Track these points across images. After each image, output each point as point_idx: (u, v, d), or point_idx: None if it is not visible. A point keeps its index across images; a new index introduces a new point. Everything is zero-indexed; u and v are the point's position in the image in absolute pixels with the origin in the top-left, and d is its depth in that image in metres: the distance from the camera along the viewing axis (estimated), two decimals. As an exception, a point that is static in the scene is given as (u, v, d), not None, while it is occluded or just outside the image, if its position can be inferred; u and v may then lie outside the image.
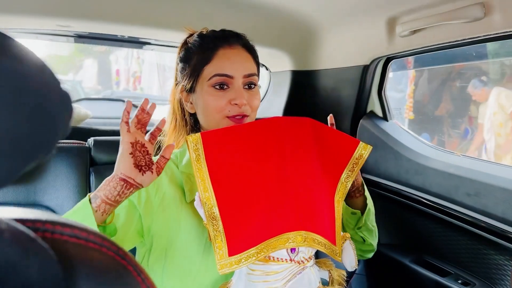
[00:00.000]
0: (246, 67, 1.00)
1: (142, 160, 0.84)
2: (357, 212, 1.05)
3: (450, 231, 1.32)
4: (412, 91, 4.99)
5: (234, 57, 0.99)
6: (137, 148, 0.84)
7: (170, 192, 0.95)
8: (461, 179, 1.26)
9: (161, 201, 0.94)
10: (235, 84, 0.98)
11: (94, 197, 0.81)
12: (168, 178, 0.97)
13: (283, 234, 0.83)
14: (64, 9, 1.29)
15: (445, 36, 1.19)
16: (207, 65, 0.99)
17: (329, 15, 1.51)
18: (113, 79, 14.48)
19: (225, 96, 0.97)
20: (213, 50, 0.99)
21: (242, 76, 0.98)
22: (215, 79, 0.97)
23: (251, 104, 0.99)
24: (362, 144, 0.95)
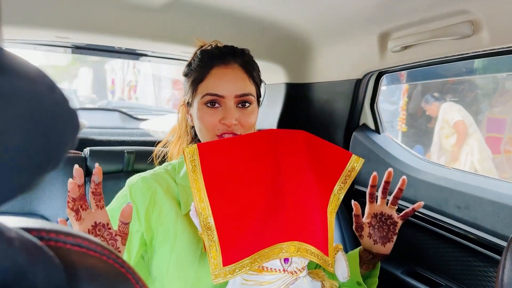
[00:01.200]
0: (240, 86, 0.99)
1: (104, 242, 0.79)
2: (362, 285, 1.04)
3: (441, 243, 1.33)
4: (405, 103, 5.02)
5: (227, 76, 0.99)
6: (93, 233, 0.76)
7: (166, 205, 0.96)
8: (451, 192, 1.27)
9: (158, 216, 0.95)
10: (227, 103, 0.98)
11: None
12: (163, 191, 0.98)
13: (276, 244, 0.84)
14: (63, 21, 1.30)
15: (435, 52, 1.21)
16: (201, 83, 1.00)
17: (323, 30, 1.52)
18: (108, 88, 14.46)
19: (216, 114, 0.98)
20: (208, 68, 1.00)
21: (233, 96, 0.98)
22: (206, 98, 0.98)
23: (244, 123, 0.99)
24: (355, 157, 0.97)
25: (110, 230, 0.78)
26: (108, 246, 0.37)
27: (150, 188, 0.97)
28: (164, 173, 1.02)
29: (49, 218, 1.26)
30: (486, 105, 4.81)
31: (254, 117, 1.03)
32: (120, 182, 1.32)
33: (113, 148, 1.42)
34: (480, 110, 4.80)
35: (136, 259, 0.94)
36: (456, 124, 4.17)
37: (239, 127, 0.98)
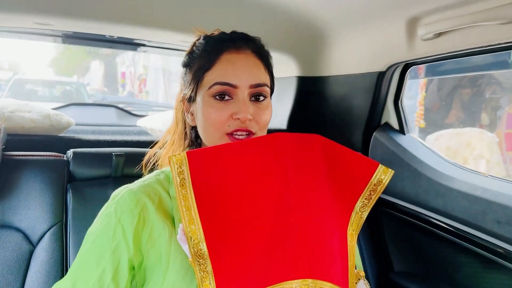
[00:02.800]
0: (255, 75, 0.87)
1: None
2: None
3: (476, 262, 1.20)
4: (423, 98, 4.90)
5: (239, 62, 0.87)
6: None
7: (158, 223, 0.82)
8: (489, 204, 1.15)
9: (149, 237, 0.81)
10: (239, 95, 0.85)
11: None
12: (155, 207, 0.83)
13: (284, 282, 0.70)
14: (41, 5, 1.17)
15: (476, 40, 1.07)
16: (208, 72, 0.87)
17: (341, 16, 1.40)
18: (119, 81, 14.60)
19: (226, 109, 0.84)
20: (217, 54, 0.87)
21: (248, 86, 0.85)
22: (215, 88, 0.85)
23: (259, 120, 0.86)
24: (382, 168, 0.82)
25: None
26: None
27: (138, 203, 0.82)
28: (155, 183, 0.88)
29: (25, 230, 1.13)
30: (506, 100, 4.69)
31: (270, 113, 0.91)
32: (107, 189, 1.19)
33: (100, 150, 1.29)
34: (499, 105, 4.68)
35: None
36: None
37: (254, 124, 0.86)
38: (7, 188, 1.14)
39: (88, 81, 14.52)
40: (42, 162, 1.20)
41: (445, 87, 5.02)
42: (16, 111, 1.32)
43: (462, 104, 4.91)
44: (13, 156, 1.20)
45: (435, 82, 5.06)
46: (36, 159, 1.19)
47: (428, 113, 5.06)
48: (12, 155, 1.20)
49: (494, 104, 4.65)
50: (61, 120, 1.38)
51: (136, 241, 0.80)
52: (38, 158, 1.20)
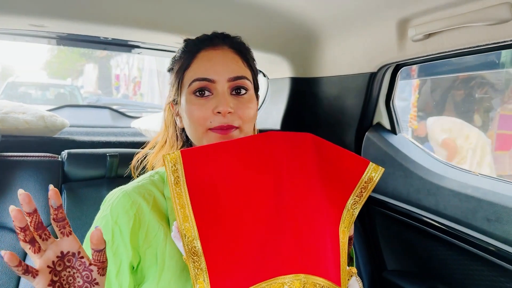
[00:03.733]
0: (232, 69, 0.87)
1: (79, 279, 0.62)
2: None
3: (467, 259, 1.21)
4: (416, 99, 4.90)
5: (216, 58, 0.87)
6: (69, 274, 0.61)
7: (153, 223, 0.82)
8: (479, 202, 1.15)
9: (145, 237, 0.81)
10: (219, 89, 0.85)
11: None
12: (150, 207, 0.83)
13: (277, 277, 0.71)
14: (36, 7, 1.16)
15: (465, 41, 1.07)
16: (187, 70, 0.88)
17: (333, 18, 1.40)
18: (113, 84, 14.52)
19: (207, 104, 0.85)
20: (194, 53, 0.88)
21: (226, 79, 0.86)
22: (194, 84, 0.86)
23: (241, 114, 0.86)
24: (373, 166, 0.83)
25: (83, 260, 0.62)
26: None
27: (134, 205, 0.82)
28: (149, 184, 0.87)
29: (19, 231, 1.11)
30: (498, 101, 4.70)
31: (253, 108, 0.90)
32: (102, 189, 1.19)
33: (94, 151, 1.29)
34: (491, 106, 4.68)
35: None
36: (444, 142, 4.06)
37: (236, 118, 0.85)
38: (2, 188, 1.14)
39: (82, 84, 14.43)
40: (36, 162, 1.19)
41: (438, 89, 5.01)
42: (10, 113, 1.32)
43: (455, 106, 4.90)
44: (8, 157, 1.19)
45: (428, 84, 5.06)
46: (30, 159, 1.19)
47: (421, 115, 5.06)
48: (6, 156, 1.20)
49: (486, 105, 4.65)
50: (55, 122, 1.38)
51: (133, 243, 0.80)
52: (32, 159, 1.19)
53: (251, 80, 0.91)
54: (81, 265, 0.62)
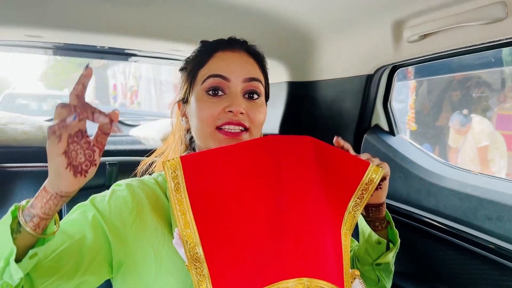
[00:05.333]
0: (248, 70, 0.87)
1: (80, 154, 0.62)
2: (382, 242, 0.91)
3: (469, 259, 1.20)
4: (414, 101, 4.91)
5: (233, 58, 0.87)
6: (74, 148, 0.62)
7: (152, 222, 0.81)
8: (480, 201, 1.15)
9: (139, 233, 0.79)
10: (232, 89, 0.85)
11: (29, 215, 0.63)
12: (151, 206, 0.83)
13: (280, 282, 0.70)
14: (32, 17, 1.17)
15: (460, 41, 1.08)
16: (201, 68, 0.87)
17: (328, 21, 1.40)
18: (110, 93, 14.53)
19: (219, 103, 0.84)
20: (210, 53, 0.88)
21: (241, 79, 0.85)
22: (209, 81, 0.85)
23: (252, 116, 0.86)
24: (373, 167, 0.82)
25: (88, 139, 0.64)
26: None
27: (135, 199, 0.82)
28: (154, 184, 0.88)
29: (20, 242, 1.11)
30: (495, 101, 4.70)
31: (264, 113, 0.90)
32: None
33: None
34: (488, 106, 4.69)
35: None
36: (481, 149, 4.05)
37: (247, 119, 0.85)
38: (2, 200, 1.13)
39: (79, 94, 14.40)
40: (36, 173, 1.19)
41: (435, 90, 5.02)
42: (8, 124, 1.32)
43: (452, 106, 4.92)
44: (7, 168, 1.19)
45: (425, 85, 5.07)
46: (30, 170, 1.19)
47: (419, 116, 5.07)
48: (5, 167, 1.19)
49: (484, 105, 4.66)
50: (54, 131, 1.37)
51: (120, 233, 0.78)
52: (32, 169, 1.19)
53: (264, 86, 0.92)
54: (85, 143, 0.63)
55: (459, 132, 4.35)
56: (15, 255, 0.61)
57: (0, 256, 0.62)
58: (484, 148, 4.08)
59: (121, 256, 0.79)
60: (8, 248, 0.61)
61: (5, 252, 0.61)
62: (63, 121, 0.58)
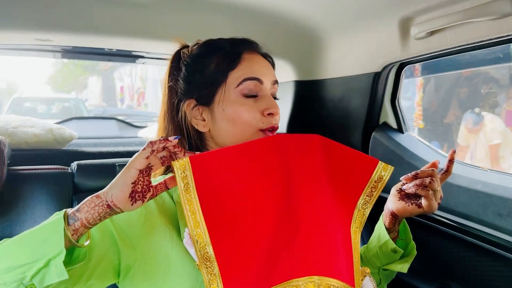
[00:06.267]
0: (272, 73, 0.91)
1: (139, 184, 0.70)
2: (399, 251, 0.92)
3: (479, 255, 1.19)
4: (421, 98, 4.87)
5: (261, 61, 0.89)
6: (143, 173, 0.70)
7: (160, 225, 0.81)
8: (490, 197, 1.14)
9: (147, 236, 0.80)
10: (265, 92, 0.87)
11: (73, 218, 0.67)
12: (158, 209, 0.83)
13: (291, 280, 0.70)
14: (41, 21, 1.18)
15: (468, 37, 1.07)
16: (233, 70, 0.86)
17: (335, 20, 1.40)
18: (117, 96, 14.61)
19: (256, 106, 0.85)
20: (239, 54, 0.87)
21: (271, 82, 0.88)
22: (245, 84, 0.85)
23: (278, 117, 0.89)
24: (382, 164, 0.82)
25: (150, 180, 0.73)
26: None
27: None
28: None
29: (32, 243, 1.12)
30: (503, 97, 4.66)
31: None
32: None
33: (103, 161, 1.29)
34: (497, 102, 4.64)
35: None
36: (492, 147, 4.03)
37: (277, 120, 0.88)
38: (14, 202, 1.15)
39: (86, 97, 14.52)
40: (47, 175, 1.20)
41: (442, 87, 4.98)
42: (19, 127, 1.33)
43: (460, 103, 4.88)
44: (18, 171, 1.20)
45: (432, 83, 5.03)
46: (41, 172, 1.20)
47: (427, 114, 5.03)
48: (17, 169, 1.21)
49: (492, 101, 4.62)
50: (64, 134, 1.39)
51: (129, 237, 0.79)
52: (43, 172, 1.20)
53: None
54: (147, 181, 0.72)
55: (471, 131, 4.32)
56: (63, 256, 0.63)
57: (40, 257, 0.64)
58: (495, 146, 4.05)
59: (129, 260, 0.79)
60: (55, 250, 0.63)
61: (48, 253, 0.63)
62: (166, 139, 0.71)
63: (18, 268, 0.63)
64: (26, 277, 0.63)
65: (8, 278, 0.63)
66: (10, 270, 0.63)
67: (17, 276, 0.63)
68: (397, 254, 0.92)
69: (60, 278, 0.63)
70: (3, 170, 1.11)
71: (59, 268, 0.63)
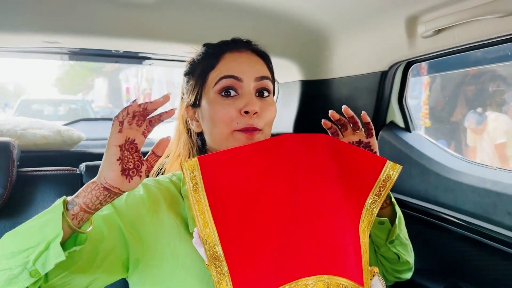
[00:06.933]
0: (257, 69, 0.88)
1: (130, 161, 0.70)
2: (385, 221, 0.91)
3: (489, 255, 1.18)
4: (427, 97, 4.85)
5: (242, 59, 0.88)
6: (126, 148, 0.70)
7: (168, 219, 0.82)
8: (499, 196, 1.14)
9: (156, 230, 0.81)
10: (245, 89, 0.85)
11: (72, 203, 0.69)
12: (167, 203, 0.84)
13: (300, 279, 0.70)
14: (49, 24, 1.19)
15: (475, 35, 1.06)
16: (212, 71, 0.87)
17: (341, 19, 1.40)
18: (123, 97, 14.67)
19: (233, 104, 0.84)
20: (219, 55, 0.88)
21: (253, 78, 0.86)
22: (221, 82, 0.85)
23: (264, 116, 0.86)
24: (390, 164, 0.82)
25: (140, 155, 0.73)
26: None
27: (150, 197, 0.83)
28: (168, 183, 0.89)
29: (42, 244, 1.13)
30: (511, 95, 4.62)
31: (274, 111, 0.90)
32: None
33: None
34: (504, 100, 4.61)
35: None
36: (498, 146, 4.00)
37: (260, 120, 0.85)
38: (23, 203, 1.16)
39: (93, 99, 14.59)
40: (56, 176, 1.21)
41: (449, 85, 4.95)
42: (28, 129, 1.35)
43: (467, 102, 4.85)
44: (28, 172, 1.21)
45: (439, 81, 5.00)
46: (50, 173, 1.21)
47: (433, 112, 5.00)
48: (26, 171, 1.22)
49: (500, 99, 4.59)
50: (72, 136, 1.40)
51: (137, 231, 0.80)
52: (52, 173, 1.21)
53: (272, 83, 0.93)
54: (137, 156, 0.72)
55: (475, 131, 4.30)
56: (60, 238, 0.65)
57: (41, 240, 0.65)
58: (501, 145, 4.02)
59: (138, 254, 0.80)
60: (54, 232, 0.65)
61: (47, 236, 0.65)
62: (125, 108, 0.69)
63: (21, 252, 0.65)
64: (29, 261, 0.65)
65: (13, 263, 0.65)
66: (14, 255, 0.65)
67: (21, 261, 0.65)
68: (386, 223, 0.91)
69: (57, 259, 0.65)
70: (13, 172, 1.12)
71: (57, 249, 0.65)
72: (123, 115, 0.69)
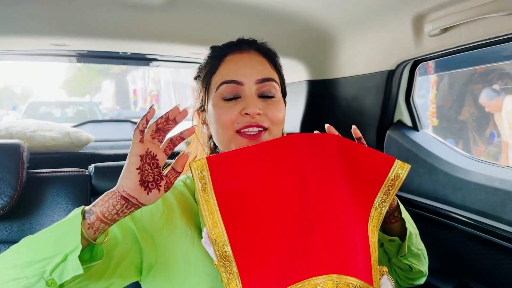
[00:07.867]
0: (259, 71, 0.87)
1: (150, 175, 0.70)
2: (395, 240, 0.90)
3: (498, 253, 1.17)
4: (434, 96, 4.82)
5: (243, 61, 0.87)
6: (146, 160, 0.70)
7: (181, 225, 0.82)
8: (508, 194, 1.13)
9: (169, 236, 0.81)
10: (247, 92, 0.85)
11: (89, 212, 0.68)
12: (180, 209, 0.84)
13: (309, 279, 0.70)
14: (57, 27, 1.20)
15: (482, 33, 1.05)
16: (214, 75, 0.87)
17: (347, 18, 1.39)
18: (130, 99, 14.73)
19: (235, 107, 0.84)
20: (221, 58, 0.88)
21: (254, 81, 0.85)
22: (222, 88, 0.85)
23: (270, 115, 0.85)
24: (399, 163, 0.81)
25: (160, 170, 0.73)
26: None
27: (165, 203, 0.83)
28: (182, 186, 0.89)
29: (52, 245, 1.14)
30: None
31: (282, 110, 0.89)
32: None
33: (120, 163, 1.30)
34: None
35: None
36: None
37: (265, 119, 0.85)
38: (33, 204, 1.17)
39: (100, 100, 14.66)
40: (65, 178, 1.22)
41: (456, 84, 4.92)
42: (37, 131, 1.36)
43: (474, 100, 4.82)
44: (37, 174, 1.22)
45: (446, 80, 4.97)
46: (59, 175, 1.22)
47: (441, 111, 4.98)
48: (36, 172, 1.23)
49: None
50: (81, 137, 1.41)
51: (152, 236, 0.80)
52: (61, 174, 1.22)
53: (279, 84, 0.91)
54: (157, 171, 0.72)
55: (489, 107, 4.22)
56: (79, 251, 0.64)
57: (58, 252, 0.65)
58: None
59: (151, 258, 0.80)
60: (72, 245, 0.64)
61: (65, 248, 0.64)
62: (143, 117, 0.70)
63: (38, 262, 0.65)
64: (46, 271, 0.64)
65: (30, 272, 0.65)
66: (31, 264, 0.65)
67: (38, 270, 0.65)
68: (396, 241, 0.91)
69: (75, 272, 0.64)
70: (23, 173, 1.13)
71: (75, 262, 0.64)
72: (143, 123, 0.69)
